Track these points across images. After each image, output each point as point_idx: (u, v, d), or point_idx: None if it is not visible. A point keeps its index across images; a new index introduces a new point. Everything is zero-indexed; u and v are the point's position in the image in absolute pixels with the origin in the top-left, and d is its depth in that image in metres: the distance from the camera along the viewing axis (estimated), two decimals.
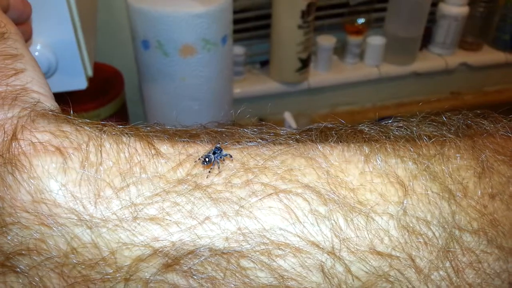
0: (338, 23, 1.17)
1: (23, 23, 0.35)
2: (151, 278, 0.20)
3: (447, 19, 1.16)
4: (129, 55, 0.92)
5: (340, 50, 1.19)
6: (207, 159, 0.22)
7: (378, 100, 1.26)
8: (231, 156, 0.22)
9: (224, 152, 0.22)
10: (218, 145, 0.23)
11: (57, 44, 0.48)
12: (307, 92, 1.14)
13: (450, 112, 0.25)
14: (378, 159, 0.22)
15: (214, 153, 0.22)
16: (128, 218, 0.20)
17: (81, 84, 0.53)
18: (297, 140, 0.24)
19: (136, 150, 0.22)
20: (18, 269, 0.20)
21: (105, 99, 0.79)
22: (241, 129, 0.25)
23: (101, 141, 0.21)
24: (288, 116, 0.98)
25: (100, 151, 0.21)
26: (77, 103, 0.77)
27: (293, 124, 0.96)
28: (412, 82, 1.25)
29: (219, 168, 0.22)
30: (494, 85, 1.33)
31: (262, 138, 0.24)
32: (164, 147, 0.22)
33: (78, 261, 0.20)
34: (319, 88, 1.15)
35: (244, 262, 0.20)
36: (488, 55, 1.27)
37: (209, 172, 0.22)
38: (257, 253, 0.20)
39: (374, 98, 1.26)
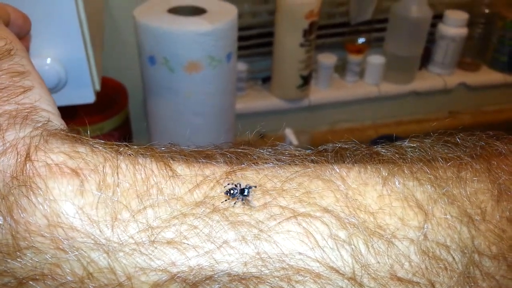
0: (339, 42, 1.18)
1: (22, 39, 0.34)
2: None
3: (446, 40, 1.18)
4: (133, 70, 0.93)
5: (341, 68, 1.21)
6: (231, 191, 0.21)
7: (378, 118, 1.27)
8: (255, 186, 0.22)
9: (246, 190, 0.21)
10: (248, 187, 0.21)
11: (67, 58, 0.48)
12: (307, 108, 1.15)
13: (463, 132, 0.25)
14: (397, 181, 0.22)
15: (242, 191, 0.21)
16: (145, 242, 0.19)
17: (89, 98, 0.53)
18: (313, 161, 0.23)
19: (153, 171, 0.21)
20: None
21: (109, 113, 0.79)
22: (257, 149, 0.24)
23: (117, 162, 0.21)
24: (289, 133, 0.99)
25: (117, 172, 0.20)
26: (81, 116, 0.77)
27: (294, 141, 0.97)
28: (411, 101, 1.26)
29: (235, 203, 0.21)
30: (492, 105, 1.34)
31: (278, 159, 0.23)
32: (180, 168, 0.22)
33: (94, 286, 0.19)
34: (319, 105, 1.16)
35: None
36: (486, 76, 1.28)
37: (226, 200, 0.21)
38: (277, 278, 0.20)
39: (374, 116, 1.26)
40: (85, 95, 0.52)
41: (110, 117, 0.79)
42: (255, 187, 0.22)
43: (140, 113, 0.97)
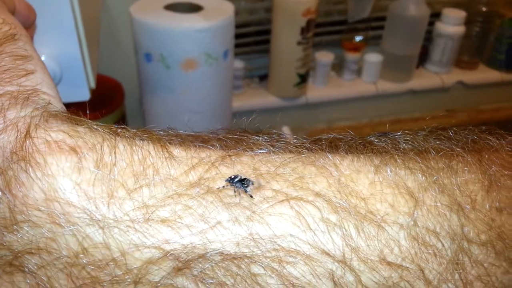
0: (337, 40, 1.18)
1: (27, 29, 0.34)
2: (160, 281, 0.20)
3: (444, 38, 1.18)
4: (129, 68, 0.92)
5: (338, 66, 1.21)
6: (232, 177, 0.22)
7: (375, 116, 1.27)
8: (259, 183, 0.22)
9: (248, 184, 0.22)
10: (251, 181, 0.22)
11: (61, 56, 0.48)
12: (305, 107, 1.15)
13: (456, 127, 0.25)
14: (388, 170, 0.22)
15: (243, 179, 0.22)
16: (140, 220, 0.20)
17: (84, 95, 0.53)
18: (307, 149, 0.24)
19: (149, 152, 0.22)
20: (26, 269, 0.19)
21: (105, 110, 0.79)
22: (252, 136, 0.25)
23: (115, 143, 0.21)
24: (286, 131, 0.99)
25: (114, 152, 0.21)
26: (77, 113, 0.77)
27: None
28: (409, 99, 1.26)
29: (234, 191, 0.21)
30: (489, 103, 1.35)
31: (273, 146, 0.24)
32: (177, 151, 0.22)
33: (88, 261, 0.19)
34: (316, 103, 1.16)
35: (254, 268, 0.20)
36: (484, 74, 1.29)
37: (223, 187, 0.21)
38: (268, 259, 0.20)
39: (371, 114, 1.27)
40: (80, 93, 0.52)
41: (105, 115, 0.79)
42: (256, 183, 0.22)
43: (136, 111, 0.97)
